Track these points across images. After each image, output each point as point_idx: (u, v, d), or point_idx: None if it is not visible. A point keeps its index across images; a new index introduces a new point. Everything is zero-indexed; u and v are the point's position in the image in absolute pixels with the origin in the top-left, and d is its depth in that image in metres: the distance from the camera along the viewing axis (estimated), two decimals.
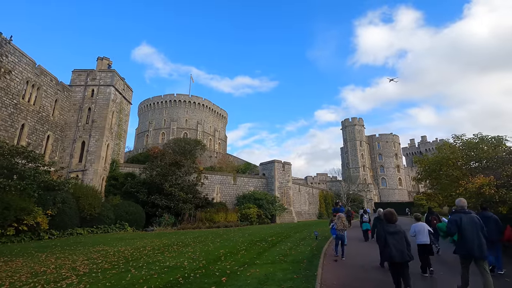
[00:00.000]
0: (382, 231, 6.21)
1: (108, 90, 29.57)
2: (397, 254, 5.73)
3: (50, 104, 25.62)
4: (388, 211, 6.53)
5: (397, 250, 5.76)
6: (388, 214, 6.44)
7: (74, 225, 19.05)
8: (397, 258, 5.72)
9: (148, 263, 9.26)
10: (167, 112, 65.79)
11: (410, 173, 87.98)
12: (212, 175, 35.79)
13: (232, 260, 9.65)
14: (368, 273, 8.39)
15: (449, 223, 6.54)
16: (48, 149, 25.29)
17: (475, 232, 5.99)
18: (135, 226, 23.63)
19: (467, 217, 6.19)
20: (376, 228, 9.19)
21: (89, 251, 12.07)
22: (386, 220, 6.40)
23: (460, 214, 6.32)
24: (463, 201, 6.51)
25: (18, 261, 9.68)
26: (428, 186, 25.09)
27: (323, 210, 51.65)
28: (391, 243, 5.84)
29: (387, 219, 6.34)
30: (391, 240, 5.87)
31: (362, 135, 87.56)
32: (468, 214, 6.25)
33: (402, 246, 5.80)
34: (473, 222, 6.11)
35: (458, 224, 6.16)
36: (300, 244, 13.58)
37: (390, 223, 6.23)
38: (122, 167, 30.99)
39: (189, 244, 13.82)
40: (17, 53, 21.70)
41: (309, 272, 7.91)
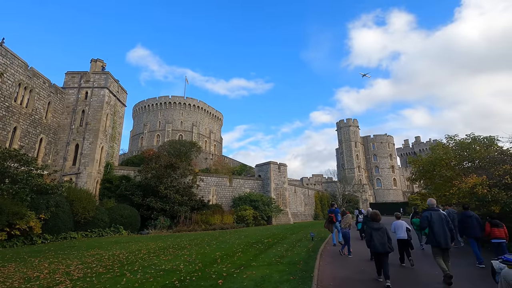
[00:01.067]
0: (368, 227, 7.60)
1: (102, 92, 29.32)
2: (380, 246, 7.09)
3: (43, 106, 25.31)
4: (373, 212, 8.01)
5: (379, 243, 7.12)
6: (373, 214, 7.91)
7: (68, 229, 18.80)
8: (380, 249, 7.07)
9: (143, 267, 9.17)
10: (162, 114, 65.47)
11: (404, 173, 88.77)
12: (208, 177, 35.67)
13: (228, 263, 9.62)
14: (364, 273, 8.43)
15: (421, 219, 7.79)
16: (41, 152, 24.96)
17: (442, 226, 7.25)
18: (130, 229, 23.41)
19: (435, 213, 7.44)
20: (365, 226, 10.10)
21: (83, 255, 11.91)
22: (371, 219, 7.85)
23: (430, 211, 7.57)
24: (433, 200, 7.91)
25: (10, 266, 9.51)
26: (422, 186, 25.36)
27: (319, 211, 51.79)
28: (375, 237, 7.20)
29: (372, 218, 7.80)
30: (375, 235, 7.23)
31: (357, 136, 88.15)
32: (436, 211, 7.53)
33: (384, 239, 7.14)
34: (440, 218, 7.36)
35: (429, 220, 7.42)
36: (296, 246, 13.60)
37: (374, 221, 7.65)
38: (117, 169, 30.72)
39: (185, 247, 13.73)
40: (9, 55, 21.43)
41: (305, 274, 7.92)
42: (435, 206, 7.80)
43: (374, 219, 7.75)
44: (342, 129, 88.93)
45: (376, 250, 7.14)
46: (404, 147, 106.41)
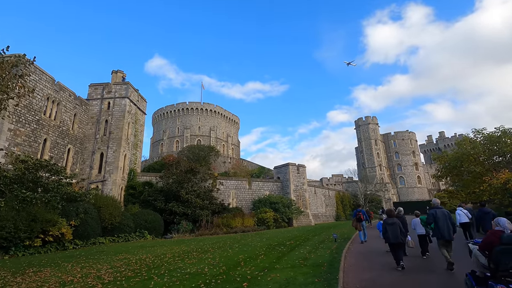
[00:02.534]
0: (383, 223, 9.16)
1: (123, 102, 30.44)
2: (393, 238, 8.62)
3: (69, 118, 26.63)
4: (388, 209, 9.86)
5: (393, 236, 8.63)
6: (387, 211, 9.60)
7: (96, 234, 19.58)
8: (393, 240, 8.62)
9: (169, 270, 9.39)
10: (180, 120, 66.88)
11: (429, 170, 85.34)
12: (227, 181, 35.99)
13: (252, 265, 9.66)
14: (391, 275, 8.19)
15: (427, 215, 9.15)
16: (69, 162, 26.22)
17: (445, 221, 8.46)
18: (154, 233, 24.03)
19: (440, 211, 8.69)
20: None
21: (112, 259, 12.36)
22: (386, 215, 9.37)
23: (435, 209, 8.85)
24: (438, 200, 9.38)
25: (46, 271, 10.04)
26: (449, 183, 24.37)
27: (341, 211, 50.82)
28: (389, 230, 8.72)
29: (387, 215, 9.34)
30: (389, 229, 8.74)
31: (377, 133, 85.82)
32: (440, 209, 8.78)
33: (397, 232, 8.62)
34: (444, 214, 8.57)
35: (434, 216, 8.63)
36: (319, 247, 13.43)
37: (389, 217, 9.16)
38: (140, 176, 31.69)
39: (208, 250, 13.92)
40: (38, 72, 22.76)
41: (330, 276, 7.82)
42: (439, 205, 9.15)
43: (389, 215, 9.24)
44: (361, 127, 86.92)
45: (390, 241, 8.66)
46: (428, 143, 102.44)
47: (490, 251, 5.48)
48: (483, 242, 5.91)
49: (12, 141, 20.21)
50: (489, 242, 5.60)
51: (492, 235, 5.70)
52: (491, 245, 5.52)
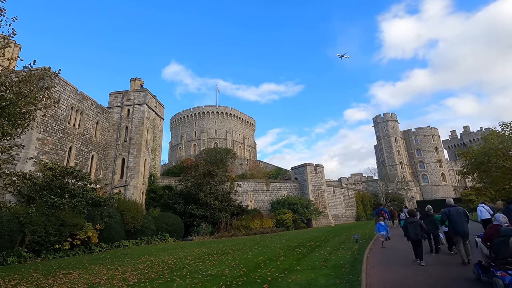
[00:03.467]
0: (404, 221, 10.22)
1: (142, 109, 31.36)
2: (413, 235, 9.24)
3: (92, 126, 27.76)
4: (410, 209, 10.79)
5: (413, 233, 9.25)
6: (409, 211, 10.39)
7: (120, 237, 20.24)
8: (413, 237, 9.25)
9: (191, 272, 9.55)
10: (197, 124, 67.99)
11: (454, 167, 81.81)
12: (245, 183, 36.14)
13: (272, 267, 9.65)
14: (417, 276, 7.92)
15: (441, 214, 9.78)
16: (93, 168, 27.31)
17: (460, 218, 9.00)
18: (175, 236, 24.52)
19: (453, 209, 9.27)
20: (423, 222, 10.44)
21: (136, 262, 12.73)
22: (408, 215, 10.12)
23: (449, 208, 9.41)
24: (451, 200, 9.99)
25: (75, 273, 10.49)
26: (476, 180, 23.25)
27: (361, 211, 49.69)
28: (409, 228, 9.37)
29: (409, 214, 10.11)
30: (410, 227, 9.39)
31: (397, 130, 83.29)
32: (454, 207, 9.36)
33: (417, 230, 9.22)
34: (458, 212, 9.15)
35: (448, 214, 9.26)
36: (340, 248, 13.20)
37: (411, 216, 9.88)
38: (159, 180, 32.46)
39: (228, 252, 14.03)
40: (62, 83, 23.91)
41: (352, 277, 7.67)
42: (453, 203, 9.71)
43: (410, 215, 10.00)
44: (379, 124, 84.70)
45: (411, 238, 9.35)
46: (452, 139, 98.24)
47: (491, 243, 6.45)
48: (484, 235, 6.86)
49: (41, 149, 21.32)
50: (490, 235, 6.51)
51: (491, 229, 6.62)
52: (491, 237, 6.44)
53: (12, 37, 9.44)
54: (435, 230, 10.86)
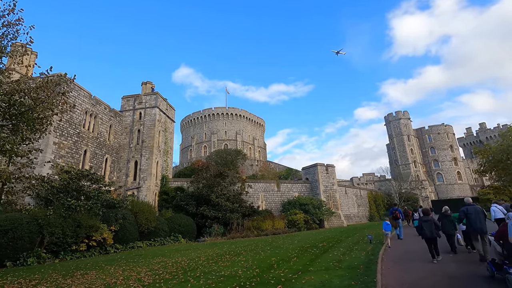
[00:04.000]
0: (419, 220, 10.34)
1: (153, 112, 31.85)
2: (428, 233, 9.56)
3: (105, 129, 28.38)
4: (425, 208, 11.00)
5: (428, 231, 9.56)
6: (424, 209, 10.57)
7: (134, 239, 20.58)
8: (428, 235, 9.57)
9: (204, 273, 9.62)
10: (207, 126, 68.48)
11: (470, 165, 79.51)
12: (255, 183, 36.14)
13: (285, 268, 9.61)
14: (434, 277, 7.73)
15: (460, 212, 10.05)
16: (107, 171, 27.89)
17: (477, 216, 9.28)
18: (187, 237, 24.75)
19: (471, 208, 9.53)
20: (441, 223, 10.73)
21: (150, 262, 12.92)
22: (423, 213, 10.29)
23: (466, 206, 9.68)
24: (469, 199, 10.22)
25: (92, 274, 10.74)
26: (494, 178, 22.51)
27: (374, 211, 48.87)
28: (424, 227, 9.71)
29: (424, 213, 10.28)
30: (425, 225, 9.73)
31: (409, 128, 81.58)
32: (472, 206, 9.61)
33: (431, 228, 9.57)
34: (476, 210, 9.41)
35: (465, 213, 9.57)
36: (354, 249, 13.03)
37: (425, 215, 10.09)
38: (171, 182, 32.85)
39: (241, 253, 14.06)
40: (76, 88, 24.55)
41: (367, 278, 7.55)
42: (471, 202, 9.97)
43: (425, 213, 10.21)
44: (391, 123, 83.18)
45: (425, 236, 9.67)
46: (467, 136, 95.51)
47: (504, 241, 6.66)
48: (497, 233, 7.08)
49: (57, 153, 21.94)
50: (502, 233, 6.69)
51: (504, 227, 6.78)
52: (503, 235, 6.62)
53: (29, 45, 9.78)
54: (453, 230, 10.83)
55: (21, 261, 13.87)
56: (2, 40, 8.85)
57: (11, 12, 8.54)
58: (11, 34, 8.74)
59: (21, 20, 8.81)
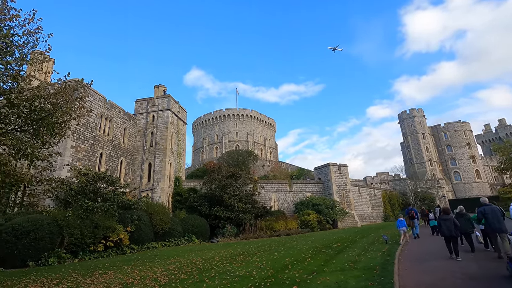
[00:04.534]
0: (438, 219, 10.74)
1: (166, 114, 32.36)
2: (447, 232, 9.78)
3: (120, 132, 29.05)
4: (444, 207, 11.27)
5: (447, 230, 9.76)
6: (444, 208, 10.89)
7: (149, 239, 20.95)
8: (447, 234, 9.80)
9: (219, 273, 9.70)
10: (218, 127, 68.97)
11: (489, 163, 76.86)
12: (267, 184, 36.12)
13: (299, 268, 9.57)
14: (454, 278, 7.52)
15: (477, 213, 10.08)
16: (122, 173, 28.52)
17: (495, 216, 9.32)
18: (201, 238, 25.00)
19: (488, 208, 9.59)
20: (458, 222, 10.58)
21: (165, 263, 13.12)
22: (442, 212, 10.56)
23: (484, 206, 9.76)
24: (486, 199, 10.40)
25: (110, 273, 11.01)
26: None
27: (389, 211, 47.92)
28: (443, 225, 9.93)
29: (443, 212, 10.52)
30: (443, 224, 9.96)
31: (424, 126, 79.61)
32: (489, 206, 9.68)
33: (451, 227, 9.73)
34: (493, 210, 9.46)
35: (483, 213, 9.63)
36: (369, 250, 12.84)
37: (444, 214, 10.35)
38: (184, 183, 33.26)
39: (254, 254, 14.09)
40: (92, 93, 25.25)
41: (384, 279, 7.43)
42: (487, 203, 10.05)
43: (444, 212, 10.45)
44: (405, 121, 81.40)
45: (444, 234, 9.89)
46: (486, 133, 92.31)
47: None
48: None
49: (75, 156, 22.61)
50: None
51: None
52: None
53: (48, 53, 10.14)
54: (471, 229, 10.80)
55: (42, 261, 14.36)
56: (22, 49, 9.21)
57: (31, 21, 8.88)
58: (31, 42, 9.09)
59: (40, 28, 9.15)
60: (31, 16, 8.88)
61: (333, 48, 75.71)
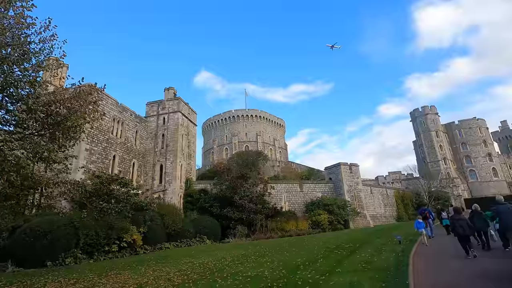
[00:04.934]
0: (451, 218, 10.72)
1: (176, 116, 32.75)
2: (460, 231, 9.77)
3: (132, 135, 29.57)
4: (455, 207, 11.84)
5: (460, 229, 9.75)
6: (455, 208, 11.22)
7: (162, 240, 21.22)
8: (461, 232, 9.77)
9: (231, 274, 9.75)
10: (228, 128, 69.27)
11: (507, 161, 74.53)
12: (278, 184, 36.03)
13: (311, 269, 9.53)
14: (470, 280, 7.33)
15: (491, 211, 10.49)
16: (134, 174, 29.02)
17: (509, 215, 9.25)
18: (212, 238, 25.13)
19: (502, 207, 9.56)
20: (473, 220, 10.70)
21: (178, 263, 13.28)
22: (454, 212, 10.69)
23: (498, 205, 9.74)
24: (501, 197, 10.41)
25: (125, 273, 11.22)
26: None
27: (402, 211, 47.01)
28: (456, 224, 9.94)
29: (455, 211, 10.68)
30: (456, 223, 9.97)
31: (437, 124, 77.76)
32: (503, 205, 9.63)
33: (464, 226, 9.75)
34: (507, 209, 9.42)
35: (497, 212, 9.74)
36: (383, 250, 12.65)
37: (457, 213, 10.44)
38: (195, 184, 33.55)
39: (266, 254, 14.09)
40: (105, 97, 25.75)
41: (399, 280, 7.33)
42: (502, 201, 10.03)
43: (456, 212, 10.58)
44: (417, 119, 79.73)
45: (458, 234, 9.90)
46: (502, 130, 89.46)
47: None
48: None
49: (89, 159, 23.15)
50: None
51: None
52: None
53: (62, 59, 10.43)
54: (485, 227, 10.80)
55: (59, 261, 14.77)
56: (39, 56, 9.50)
57: (47, 28, 9.15)
58: (47, 49, 9.36)
59: (55, 35, 9.41)
60: (46, 24, 9.15)
61: (331, 45, 73.83)
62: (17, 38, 8.55)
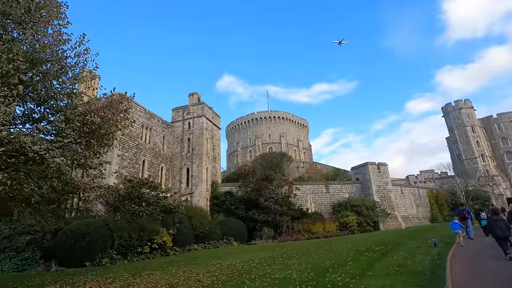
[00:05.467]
0: (489, 219, 10.72)
1: (201, 120, 33.57)
2: (499, 232, 9.56)
3: (160, 140, 30.72)
4: (494, 208, 11.19)
5: (499, 230, 9.54)
6: (493, 209, 10.83)
7: (190, 242, 21.77)
8: (500, 234, 9.55)
9: (259, 276, 9.79)
10: (251, 131, 69.73)
11: None
12: (303, 185, 35.64)
13: (341, 272, 9.32)
14: (509, 283, 6.81)
15: None
16: (163, 178, 30.07)
17: None
18: (239, 240, 25.36)
19: None
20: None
21: (206, 264, 13.56)
22: (492, 213, 10.43)
23: None
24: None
25: (157, 274, 11.66)
26: None
27: (436, 212, 44.51)
28: (495, 226, 9.72)
29: (493, 213, 10.39)
30: (494, 225, 9.75)
31: (473, 118, 72.86)
32: None
33: (503, 227, 9.54)
34: None
35: None
36: (416, 253, 12.07)
37: (495, 214, 10.20)
38: (221, 186, 34.10)
39: (293, 256, 13.98)
40: (134, 104, 27.03)
41: (435, 285, 6.96)
42: None
43: (494, 213, 10.33)
44: (450, 114, 75.22)
45: (496, 235, 9.67)
46: None
47: None
48: None
49: (120, 164, 24.35)
50: None
51: None
52: None
53: (95, 71, 11.11)
54: None
55: (97, 261, 15.65)
56: (74, 69, 10.20)
57: (81, 43, 9.81)
58: (81, 62, 10.03)
59: (88, 49, 10.06)
60: (80, 39, 9.80)
61: (338, 42, 71.51)
62: (55, 54, 9.24)
